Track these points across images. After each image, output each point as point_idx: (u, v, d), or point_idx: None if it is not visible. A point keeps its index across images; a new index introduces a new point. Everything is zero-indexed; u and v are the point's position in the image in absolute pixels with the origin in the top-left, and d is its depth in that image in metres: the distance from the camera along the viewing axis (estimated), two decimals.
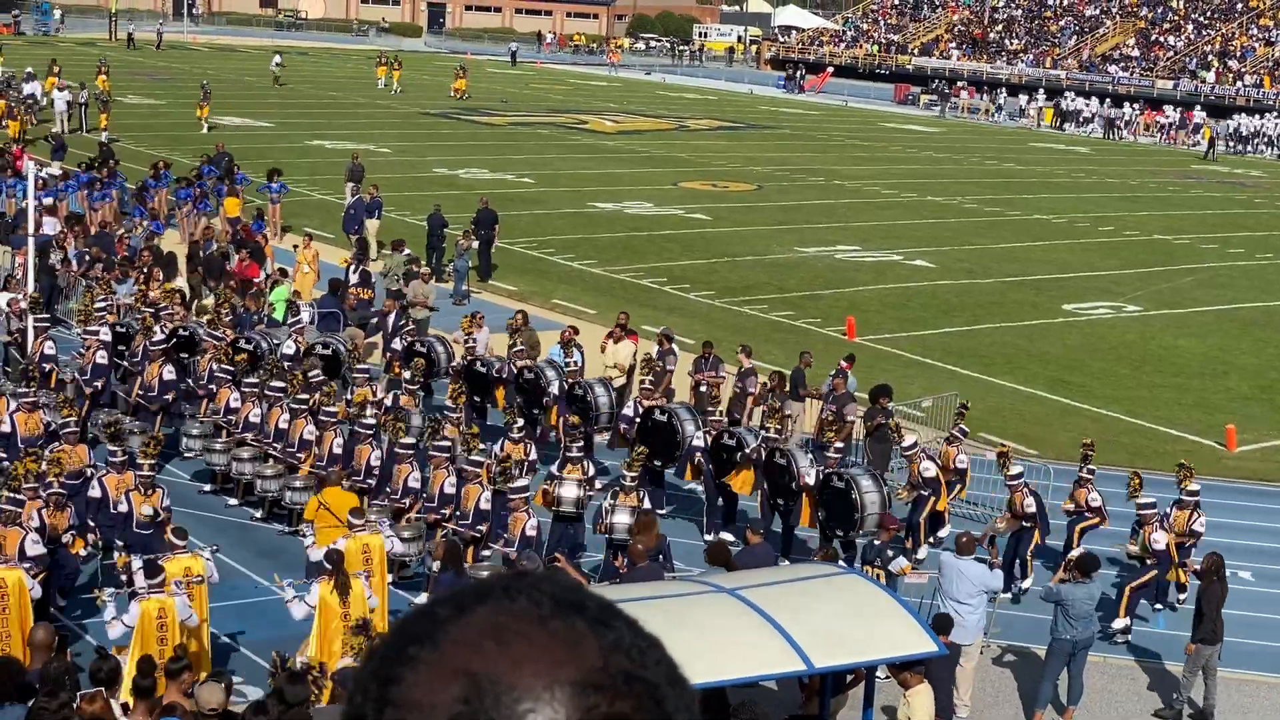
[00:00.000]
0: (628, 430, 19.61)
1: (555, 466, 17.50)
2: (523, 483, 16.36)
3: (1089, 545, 16.88)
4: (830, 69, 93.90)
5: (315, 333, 22.81)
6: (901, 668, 12.43)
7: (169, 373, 19.94)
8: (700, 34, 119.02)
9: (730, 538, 17.55)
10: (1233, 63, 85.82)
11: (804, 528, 17.72)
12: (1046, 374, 26.98)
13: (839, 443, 18.67)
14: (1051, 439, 22.98)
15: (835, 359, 22.25)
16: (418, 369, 20.47)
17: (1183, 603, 16.99)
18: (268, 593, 15.36)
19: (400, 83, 69.90)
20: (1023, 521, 17.32)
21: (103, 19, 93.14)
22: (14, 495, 14.29)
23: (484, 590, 1.33)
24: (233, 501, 18.78)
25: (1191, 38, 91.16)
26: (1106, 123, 73.92)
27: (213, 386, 19.85)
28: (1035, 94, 79.59)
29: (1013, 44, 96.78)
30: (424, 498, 16.87)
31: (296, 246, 29.58)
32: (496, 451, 17.62)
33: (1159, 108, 75.57)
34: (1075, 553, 15.93)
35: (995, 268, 36.50)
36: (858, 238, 39.14)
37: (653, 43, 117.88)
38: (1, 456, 16.91)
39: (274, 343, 21.35)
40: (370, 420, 17.91)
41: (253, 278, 26.59)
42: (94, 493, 16.05)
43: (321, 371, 19.84)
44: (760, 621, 11.13)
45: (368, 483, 17.31)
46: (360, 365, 21.40)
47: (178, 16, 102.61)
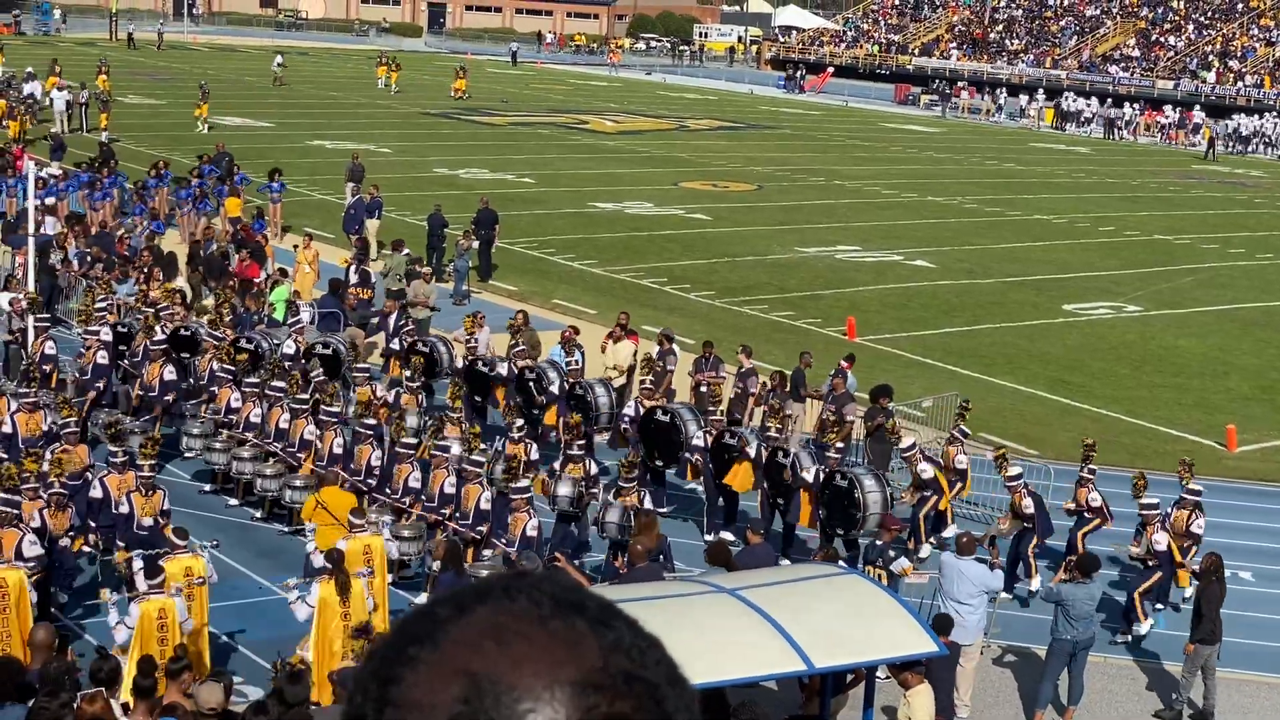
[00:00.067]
0: (629, 429, 19.62)
1: (556, 465, 17.52)
2: (524, 483, 16.37)
3: (1089, 545, 16.89)
4: (830, 69, 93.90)
5: (315, 333, 22.81)
6: (902, 668, 12.43)
7: (169, 373, 19.96)
8: (701, 34, 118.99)
9: (730, 538, 17.56)
10: (1233, 63, 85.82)
11: (804, 528, 17.73)
12: (1047, 374, 26.98)
13: (839, 443, 18.68)
14: (1052, 439, 22.98)
15: (835, 359, 22.24)
16: (417, 368, 20.47)
17: (1186, 602, 16.98)
18: (268, 593, 15.38)
19: (398, 84, 69.81)
20: (1024, 522, 17.33)
21: (103, 19, 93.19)
22: (9, 496, 14.25)
23: (484, 590, 1.33)
24: (233, 501, 18.78)
25: (1192, 38, 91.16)
26: (1107, 123, 73.93)
27: (213, 387, 19.86)
28: (1036, 94, 79.56)
29: (1013, 44, 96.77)
30: (424, 498, 16.87)
31: (297, 246, 29.59)
32: (500, 450, 17.62)
33: (1159, 108, 75.58)
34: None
35: (996, 268, 36.49)
36: (858, 238, 39.14)
37: (653, 43, 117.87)
38: (2, 457, 16.90)
39: (274, 343, 21.35)
40: (371, 420, 17.92)
41: (253, 278, 26.59)
42: (95, 493, 16.06)
43: (322, 371, 19.85)
44: (760, 621, 11.12)
45: (368, 483, 17.31)
46: (360, 365, 21.40)
47: (178, 16, 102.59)
